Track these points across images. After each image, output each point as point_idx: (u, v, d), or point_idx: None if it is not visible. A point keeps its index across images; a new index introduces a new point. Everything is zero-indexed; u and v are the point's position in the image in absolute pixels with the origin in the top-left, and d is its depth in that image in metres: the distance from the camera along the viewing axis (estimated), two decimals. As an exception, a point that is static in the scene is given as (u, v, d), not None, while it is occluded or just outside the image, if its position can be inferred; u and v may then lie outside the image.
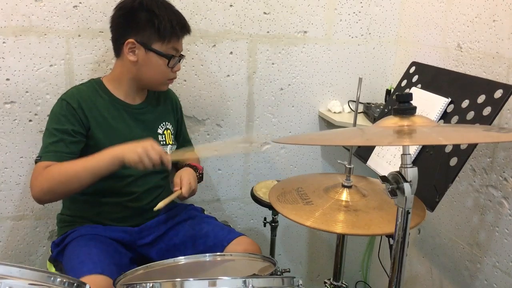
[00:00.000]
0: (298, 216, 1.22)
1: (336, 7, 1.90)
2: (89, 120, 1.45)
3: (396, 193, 0.98)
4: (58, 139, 1.41)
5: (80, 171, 1.36)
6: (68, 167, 1.37)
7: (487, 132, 0.97)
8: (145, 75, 1.49)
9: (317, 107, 2.01)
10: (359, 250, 2.26)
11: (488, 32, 1.52)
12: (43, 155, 1.41)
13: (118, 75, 1.52)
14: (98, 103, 1.49)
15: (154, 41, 1.44)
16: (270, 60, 1.89)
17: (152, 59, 1.46)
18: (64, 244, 1.49)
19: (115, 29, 1.50)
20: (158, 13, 1.42)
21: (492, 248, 1.54)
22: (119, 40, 1.47)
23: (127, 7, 1.45)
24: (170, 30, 1.44)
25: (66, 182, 1.36)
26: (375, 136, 0.98)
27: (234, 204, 2.05)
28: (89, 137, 1.46)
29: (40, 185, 1.37)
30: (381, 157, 1.53)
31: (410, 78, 1.65)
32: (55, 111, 1.46)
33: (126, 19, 1.45)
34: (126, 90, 1.53)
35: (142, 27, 1.43)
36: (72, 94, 1.48)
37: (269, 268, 1.22)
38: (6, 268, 0.92)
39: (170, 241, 1.57)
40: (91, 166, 1.35)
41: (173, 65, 1.49)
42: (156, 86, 1.56)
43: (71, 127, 1.42)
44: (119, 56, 1.50)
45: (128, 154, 1.33)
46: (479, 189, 1.57)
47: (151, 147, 1.34)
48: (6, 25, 1.56)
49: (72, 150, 1.42)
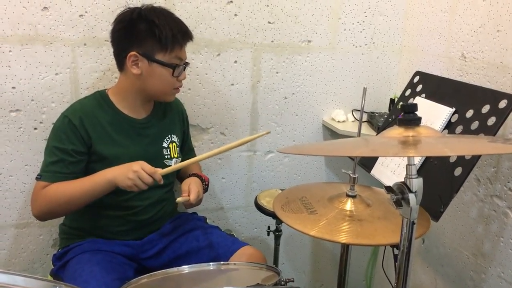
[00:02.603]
0: (303, 225, 1.21)
1: (340, 16, 1.91)
2: (91, 136, 1.44)
3: (401, 204, 0.98)
4: (58, 159, 1.41)
5: (76, 194, 1.39)
6: (65, 189, 1.39)
7: (492, 144, 0.97)
8: (150, 87, 1.47)
9: (321, 116, 2.01)
10: (363, 259, 2.25)
11: (492, 42, 1.52)
12: (43, 174, 1.42)
13: (123, 89, 1.50)
14: (101, 118, 1.47)
15: (156, 52, 1.41)
16: (274, 69, 1.90)
17: (156, 70, 1.43)
18: (66, 259, 1.48)
19: (116, 43, 1.47)
20: (158, 22, 1.40)
21: (497, 258, 1.54)
22: (121, 54, 1.44)
23: (126, 20, 1.43)
24: (172, 38, 1.41)
25: (63, 203, 1.40)
26: (380, 147, 0.98)
27: (238, 212, 2.04)
28: (92, 153, 1.45)
29: (39, 206, 1.42)
30: (385, 166, 1.53)
31: (414, 87, 1.65)
32: (57, 128, 1.45)
33: (126, 32, 1.43)
34: (131, 104, 1.51)
35: (143, 39, 1.40)
36: (74, 110, 1.47)
37: (273, 278, 1.21)
38: (11, 277, 0.91)
39: (173, 253, 1.56)
40: (87, 189, 1.39)
41: (178, 74, 1.47)
42: (163, 97, 1.53)
43: (71, 146, 1.41)
44: (123, 70, 1.48)
45: (120, 180, 1.35)
46: (484, 199, 1.56)
47: (142, 169, 1.34)
48: (13, 34, 1.57)
49: (72, 170, 1.42)
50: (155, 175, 1.35)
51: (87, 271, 1.37)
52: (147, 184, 1.35)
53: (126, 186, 1.35)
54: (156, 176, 1.36)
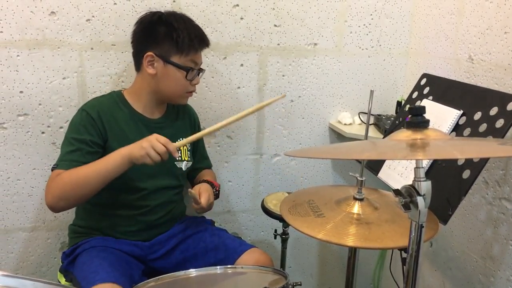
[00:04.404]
0: (310, 228, 1.21)
1: (346, 19, 1.91)
2: (107, 132, 1.47)
3: (409, 207, 0.97)
4: (76, 148, 1.42)
5: (90, 175, 1.36)
6: (78, 172, 1.37)
7: (502, 146, 0.97)
8: (164, 87, 1.50)
9: (327, 119, 2.01)
10: (370, 262, 2.24)
11: (500, 44, 1.51)
12: (59, 163, 1.42)
13: (138, 89, 1.54)
14: (117, 116, 1.50)
15: (172, 54, 1.46)
16: (281, 72, 1.90)
17: (170, 72, 1.47)
18: (75, 254, 1.49)
19: (135, 43, 1.53)
20: (177, 26, 1.45)
21: (506, 261, 1.52)
22: (139, 53, 1.49)
23: (147, 21, 1.49)
24: (188, 43, 1.46)
25: (77, 187, 1.36)
26: (389, 150, 0.98)
27: (245, 216, 2.04)
28: (106, 148, 1.47)
29: (52, 192, 1.38)
30: (392, 169, 1.52)
31: (421, 90, 1.64)
32: (74, 121, 1.47)
33: (145, 33, 1.48)
34: (145, 104, 1.55)
35: (161, 40, 1.45)
36: (92, 105, 1.50)
37: (281, 281, 1.21)
38: (20, 281, 0.92)
39: (181, 254, 1.57)
40: (100, 168, 1.36)
41: (191, 78, 1.51)
42: (175, 99, 1.56)
43: (89, 137, 1.43)
44: (139, 70, 1.52)
45: (134, 150, 1.34)
46: (492, 201, 1.55)
47: (156, 138, 1.34)
48: (21, 39, 1.58)
49: (89, 160, 1.41)
50: (169, 145, 1.34)
51: (96, 263, 1.38)
52: (160, 153, 1.33)
53: (139, 157, 1.33)
54: (169, 146, 1.34)
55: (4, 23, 1.56)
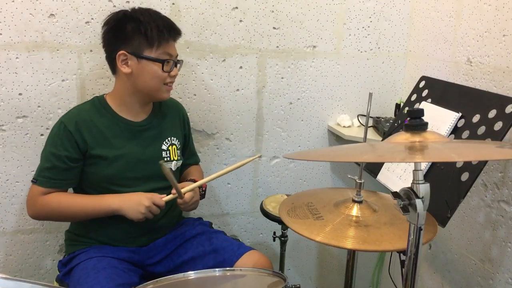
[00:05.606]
0: (309, 231, 1.21)
1: (345, 21, 1.92)
2: (88, 142, 1.45)
3: (408, 209, 0.98)
4: (52, 165, 1.44)
5: (77, 212, 1.46)
6: (67, 204, 1.46)
7: (500, 149, 0.97)
8: (142, 84, 1.46)
9: (326, 121, 2.01)
10: (369, 265, 2.24)
11: (498, 46, 1.51)
12: (38, 178, 1.45)
13: (119, 92, 1.51)
14: (98, 122, 1.48)
15: (144, 49, 1.42)
16: (280, 74, 1.90)
17: (145, 67, 1.44)
18: (71, 266, 1.48)
19: (106, 46, 1.49)
20: (143, 19, 1.42)
21: (505, 264, 1.52)
22: (111, 55, 1.46)
23: (112, 21, 1.46)
24: (158, 34, 1.42)
25: (62, 216, 1.51)
26: (387, 152, 0.98)
27: (243, 218, 2.04)
28: (90, 157, 1.46)
29: (37, 211, 1.47)
30: (391, 171, 1.52)
31: (420, 92, 1.65)
32: (53, 132, 1.47)
33: (113, 32, 1.45)
34: (128, 107, 1.52)
35: (130, 37, 1.42)
36: (71, 115, 1.48)
37: (279, 284, 1.21)
38: (18, 284, 0.92)
39: (179, 258, 1.56)
40: (88, 209, 1.46)
41: (169, 69, 1.47)
42: (156, 94, 1.51)
43: (65, 153, 1.43)
44: (115, 72, 1.50)
45: (129, 212, 1.43)
46: (491, 204, 1.55)
47: (153, 204, 1.43)
48: (20, 41, 1.58)
49: (66, 177, 1.46)
50: (161, 204, 1.45)
51: (92, 277, 1.36)
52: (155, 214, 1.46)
53: (134, 218, 1.43)
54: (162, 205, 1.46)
55: (3, 26, 1.56)
